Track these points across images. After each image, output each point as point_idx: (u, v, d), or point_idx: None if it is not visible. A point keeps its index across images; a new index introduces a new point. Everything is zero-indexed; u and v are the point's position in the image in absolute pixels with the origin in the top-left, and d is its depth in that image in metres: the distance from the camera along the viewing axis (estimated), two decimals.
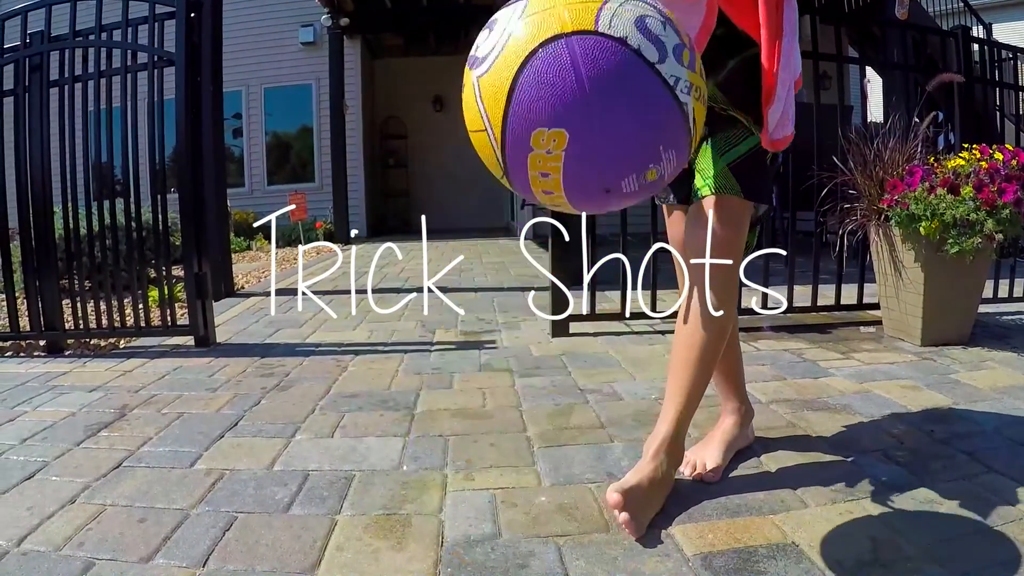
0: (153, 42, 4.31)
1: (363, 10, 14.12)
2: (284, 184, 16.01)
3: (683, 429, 2.14)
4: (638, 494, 1.93)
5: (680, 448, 2.14)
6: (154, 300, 4.84)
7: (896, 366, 3.49)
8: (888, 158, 4.01)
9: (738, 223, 2.07)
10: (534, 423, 2.76)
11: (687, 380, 2.13)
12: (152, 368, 3.86)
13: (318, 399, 3.17)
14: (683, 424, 2.13)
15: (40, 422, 2.98)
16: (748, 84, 2.05)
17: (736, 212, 2.06)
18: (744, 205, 2.07)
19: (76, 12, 4.39)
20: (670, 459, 2.08)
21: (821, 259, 4.56)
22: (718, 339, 2.12)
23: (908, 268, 3.88)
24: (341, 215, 13.79)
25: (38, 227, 4.44)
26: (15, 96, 4.48)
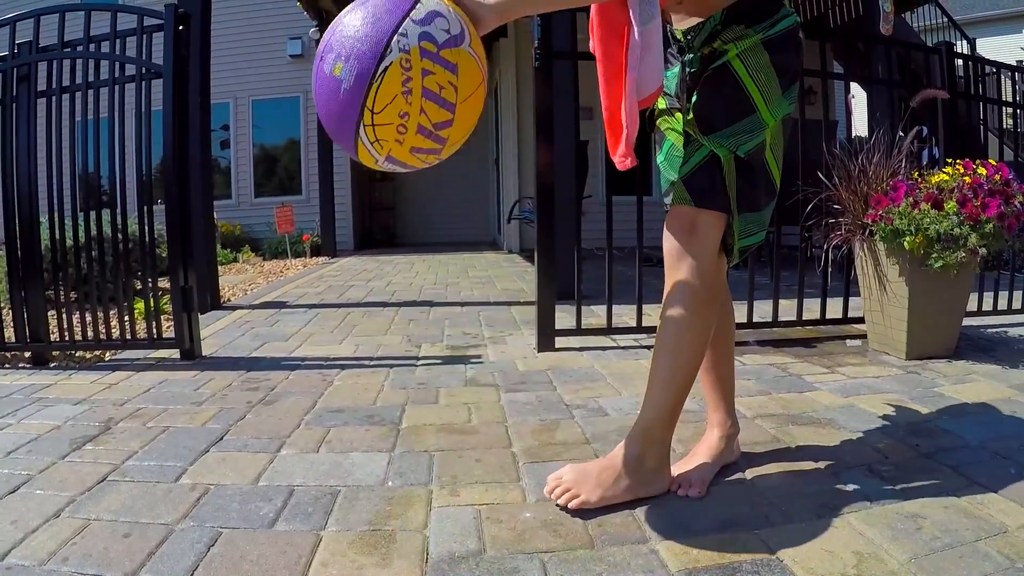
0: (141, 54, 4.31)
1: None
2: (271, 196, 16.08)
3: (653, 430, 2.19)
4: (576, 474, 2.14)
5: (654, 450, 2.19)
6: (140, 312, 4.84)
7: (881, 380, 3.50)
8: (872, 173, 4.03)
9: (690, 231, 2.13)
10: (520, 439, 2.76)
11: (658, 378, 2.22)
12: (137, 381, 3.84)
13: (304, 414, 3.16)
14: (651, 425, 2.20)
15: (25, 435, 2.97)
16: (707, 99, 2.13)
17: (686, 221, 2.14)
18: (695, 213, 2.13)
19: (65, 23, 4.39)
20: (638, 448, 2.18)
21: (806, 273, 4.58)
22: (688, 341, 2.18)
23: (892, 282, 3.91)
24: (328, 228, 13.79)
25: (24, 237, 4.43)
26: (2, 106, 4.47)
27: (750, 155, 2.13)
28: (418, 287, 8.04)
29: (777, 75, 2.11)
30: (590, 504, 2.09)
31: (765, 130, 2.13)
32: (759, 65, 2.08)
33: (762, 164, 2.18)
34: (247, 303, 7.11)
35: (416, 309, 6.37)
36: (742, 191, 2.14)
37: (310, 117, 15.41)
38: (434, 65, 1.67)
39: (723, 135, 2.10)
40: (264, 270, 11.41)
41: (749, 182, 2.16)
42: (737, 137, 2.10)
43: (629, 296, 4.69)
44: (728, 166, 2.13)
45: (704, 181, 2.14)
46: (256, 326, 5.61)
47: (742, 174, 2.14)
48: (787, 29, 2.13)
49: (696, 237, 2.13)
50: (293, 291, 8.06)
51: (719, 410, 2.48)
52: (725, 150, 2.11)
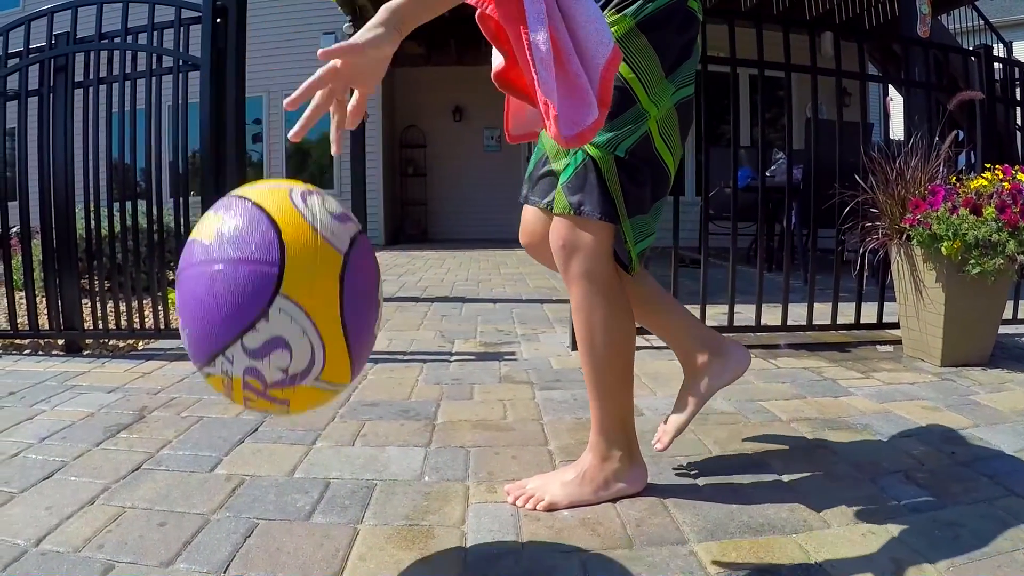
0: (179, 46, 4.33)
1: None
2: None
3: (609, 433, 2.18)
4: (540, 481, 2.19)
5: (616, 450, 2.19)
6: (173, 303, 4.85)
7: (916, 386, 3.47)
8: (910, 177, 4.00)
9: (573, 246, 2.06)
10: (555, 437, 2.75)
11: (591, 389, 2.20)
12: (171, 371, 3.87)
13: (338, 407, 3.16)
14: (604, 429, 2.19)
15: (59, 421, 2.99)
16: None
17: (569, 234, 2.06)
18: (578, 224, 2.05)
19: (102, 14, 4.42)
20: (599, 452, 2.19)
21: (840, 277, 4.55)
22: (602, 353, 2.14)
23: (929, 288, 3.87)
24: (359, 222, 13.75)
25: (59, 226, 4.47)
26: (39, 96, 4.52)
27: (632, 152, 2.02)
28: (450, 283, 8.04)
29: (658, 56, 2.01)
30: (559, 506, 2.09)
31: (648, 120, 2.02)
32: (635, 49, 1.98)
33: (650, 157, 2.06)
34: None
35: (448, 305, 6.37)
36: (629, 193, 2.03)
37: None
38: (257, 399, 1.50)
39: (599, 134, 1.98)
40: None
41: (635, 182, 2.04)
42: (615, 135, 1.99)
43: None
44: (608, 168, 2.01)
45: (583, 187, 2.03)
46: None
47: (626, 174, 2.02)
48: (668, 3, 2.02)
49: (580, 248, 2.05)
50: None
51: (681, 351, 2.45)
52: (601, 151, 1.99)
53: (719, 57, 4.41)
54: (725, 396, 3.20)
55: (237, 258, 1.39)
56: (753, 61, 4.38)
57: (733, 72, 4.45)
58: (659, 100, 2.03)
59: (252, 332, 1.40)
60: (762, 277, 4.43)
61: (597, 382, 2.16)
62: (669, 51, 2.04)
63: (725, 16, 4.47)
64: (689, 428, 2.73)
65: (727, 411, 3.01)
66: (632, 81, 1.99)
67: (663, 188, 2.15)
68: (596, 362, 2.14)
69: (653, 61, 2.01)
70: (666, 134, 2.08)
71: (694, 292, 4.52)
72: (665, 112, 2.06)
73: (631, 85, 1.99)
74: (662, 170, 2.10)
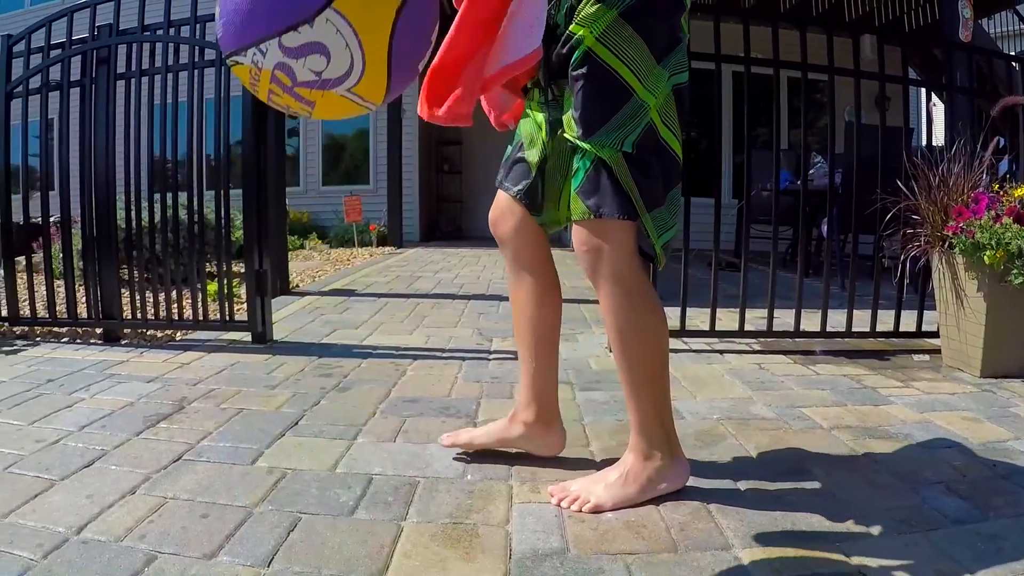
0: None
1: None
2: (339, 185, 16.15)
3: (648, 431, 2.19)
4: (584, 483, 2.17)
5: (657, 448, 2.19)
6: (211, 294, 4.88)
7: (956, 397, 3.42)
8: (953, 184, 3.96)
9: (598, 248, 2.07)
10: (597, 438, 2.74)
11: (628, 389, 2.20)
12: (209, 362, 3.89)
13: (378, 402, 3.16)
14: (644, 427, 2.19)
15: (98, 410, 3.02)
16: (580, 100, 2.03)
17: (592, 236, 2.08)
18: (599, 226, 2.06)
19: (145, 6, 4.45)
20: (641, 451, 2.19)
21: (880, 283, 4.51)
22: (636, 350, 2.16)
23: (970, 297, 3.82)
24: (395, 218, 13.91)
25: (100, 216, 4.51)
26: (82, 87, 4.56)
27: (639, 146, 2.02)
28: (486, 281, 8.06)
29: (646, 44, 2.00)
30: (604, 508, 2.08)
31: (649, 111, 2.02)
32: (622, 39, 1.97)
33: (657, 147, 2.06)
34: (316, 290, 7.18)
35: (485, 302, 6.36)
36: (643, 187, 2.03)
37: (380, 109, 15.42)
38: (283, 94, 1.54)
39: (603, 134, 2.00)
40: (331, 258, 11.51)
41: (647, 175, 2.04)
42: (620, 131, 2.00)
43: (699, 298, 4.66)
44: (618, 165, 2.01)
45: (598, 188, 2.04)
46: (326, 313, 5.66)
47: (637, 169, 2.02)
48: None
49: (605, 251, 2.07)
50: (361, 280, 8.13)
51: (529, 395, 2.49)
52: (609, 150, 2.00)
53: (762, 59, 4.39)
54: (766, 402, 3.19)
55: None
56: (796, 64, 4.35)
57: (776, 74, 4.43)
58: (655, 88, 2.03)
59: (293, 33, 1.44)
60: (802, 283, 4.40)
61: (633, 382, 2.17)
62: (657, 37, 2.03)
63: (768, 18, 4.44)
64: (730, 432, 2.74)
65: (768, 416, 2.99)
66: (625, 73, 1.99)
67: (675, 176, 2.15)
68: (630, 362, 2.15)
69: (642, 50, 2.00)
70: (668, 120, 2.08)
71: (732, 296, 4.50)
72: (664, 98, 2.06)
73: (624, 78, 1.99)
74: (670, 157, 2.10)
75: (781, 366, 3.92)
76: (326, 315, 5.53)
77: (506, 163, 2.41)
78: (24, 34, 4.78)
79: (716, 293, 4.29)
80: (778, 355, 4.17)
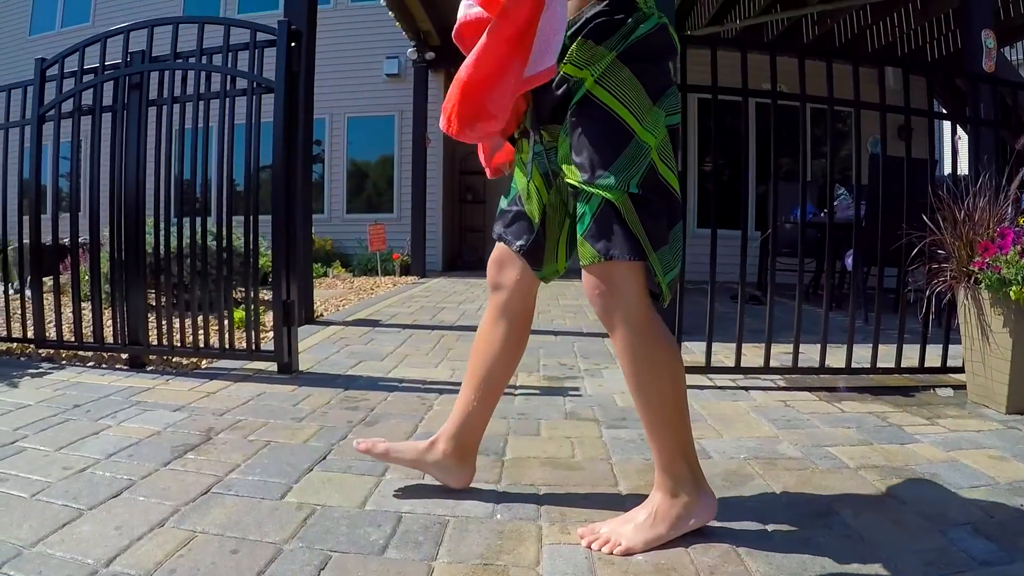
0: (253, 68, 4.39)
1: (449, 45, 14.24)
2: (362, 213, 16.26)
3: (673, 467, 2.19)
4: (613, 525, 2.15)
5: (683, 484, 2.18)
6: (238, 322, 4.90)
7: (982, 434, 3.39)
8: (978, 218, 3.95)
9: (609, 290, 2.09)
10: (625, 477, 2.72)
11: (649, 427, 2.21)
12: (236, 392, 3.91)
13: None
14: (668, 465, 2.19)
15: (125, 438, 3.03)
16: (579, 142, 2.06)
17: (602, 280, 2.09)
18: (609, 268, 2.07)
19: (178, 34, 4.49)
20: (667, 489, 2.18)
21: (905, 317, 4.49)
22: (655, 387, 2.16)
23: (996, 333, 3.80)
24: (418, 248, 13.91)
25: (128, 239, 4.54)
26: (113, 112, 4.61)
27: (643, 186, 2.03)
28: None
29: (643, 86, 2.04)
30: (636, 550, 2.07)
31: (651, 151, 2.05)
32: (620, 82, 2.01)
33: (658, 185, 2.08)
34: (340, 319, 7.18)
35: None
36: (649, 228, 2.05)
37: (404, 137, 15.47)
38: None
39: (608, 176, 2.02)
40: (354, 286, 11.53)
41: (653, 214, 2.06)
42: (624, 173, 2.02)
43: (724, 333, 4.65)
44: (625, 207, 2.02)
45: (606, 231, 2.05)
46: (351, 343, 5.65)
47: (642, 209, 2.04)
48: (647, 33, 2.06)
49: (616, 294, 2.08)
50: (385, 310, 8.13)
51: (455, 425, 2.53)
52: (616, 192, 2.01)
53: (788, 93, 4.40)
54: (792, 441, 3.17)
55: None
56: (823, 98, 4.35)
57: (803, 107, 4.43)
58: (654, 128, 2.06)
59: None
60: (827, 318, 4.39)
61: (653, 421, 2.17)
62: (652, 79, 2.07)
63: (794, 51, 4.45)
64: (757, 472, 2.73)
65: (795, 456, 2.98)
66: (624, 115, 2.02)
67: (676, 212, 2.17)
68: (649, 402, 2.16)
69: (639, 91, 2.04)
70: (667, 159, 2.11)
71: (756, 330, 4.48)
72: (662, 138, 2.09)
73: (624, 119, 2.02)
74: (671, 194, 2.12)
75: (807, 403, 3.90)
76: (351, 346, 5.53)
77: (503, 215, 2.44)
78: (58, 58, 4.85)
79: (742, 329, 4.28)
80: (803, 392, 4.14)
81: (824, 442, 3.20)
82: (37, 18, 19.35)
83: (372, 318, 7.33)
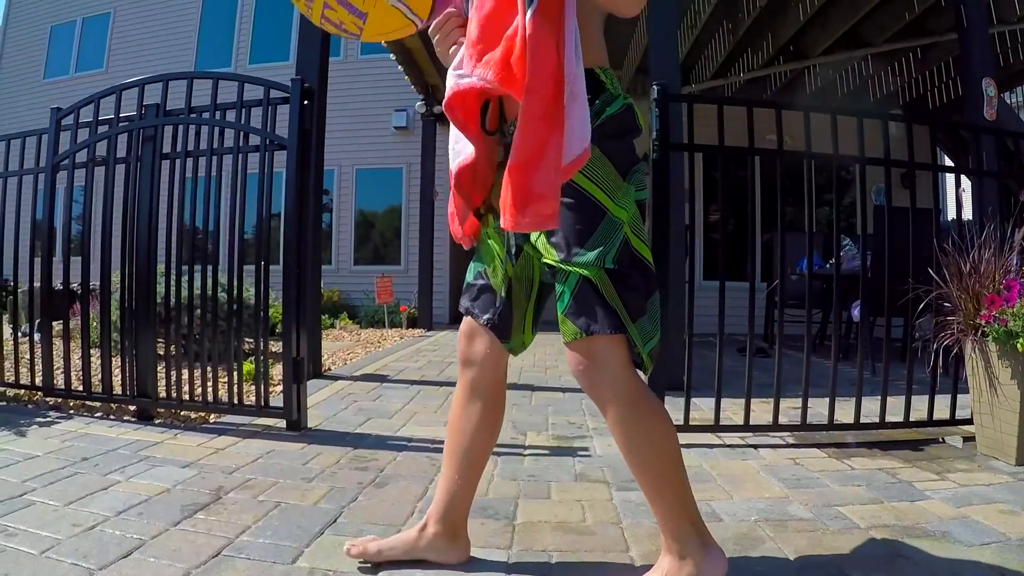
0: (266, 125, 4.44)
1: None
2: (370, 265, 16.36)
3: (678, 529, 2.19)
4: None
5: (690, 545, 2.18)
6: (247, 375, 4.90)
7: (992, 488, 3.39)
8: (984, 270, 3.96)
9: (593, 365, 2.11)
10: (637, 542, 2.71)
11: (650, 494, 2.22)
12: (245, 449, 3.91)
13: (416, 500, 3.15)
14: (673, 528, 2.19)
15: (134, 495, 3.03)
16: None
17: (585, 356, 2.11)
18: (590, 344, 2.09)
19: (192, 89, 4.55)
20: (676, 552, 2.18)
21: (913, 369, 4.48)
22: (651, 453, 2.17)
23: (1004, 385, 3.80)
24: (425, 300, 13.90)
25: (140, 290, 4.57)
26: (127, 164, 4.66)
27: (618, 261, 2.06)
28: (517, 368, 7.99)
29: (613, 164, 2.09)
30: None
31: (623, 226, 2.08)
32: (591, 161, 2.02)
33: (633, 259, 2.11)
34: (348, 374, 7.16)
35: (518, 392, 6.28)
36: (626, 300, 2.08)
37: (412, 189, 15.53)
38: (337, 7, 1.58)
39: (584, 253, 2.05)
40: (361, 339, 11.52)
41: (630, 287, 2.09)
42: (599, 249, 2.05)
43: (732, 388, 4.62)
44: (603, 282, 2.06)
45: (586, 308, 2.08)
46: (359, 399, 5.63)
47: (619, 283, 2.07)
48: (613, 114, 2.11)
49: (600, 368, 2.10)
50: (393, 364, 8.11)
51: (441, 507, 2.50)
52: (592, 269, 2.05)
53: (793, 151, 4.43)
54: (802, 501, 3.16)
55: None
56: (828, 155, 4.38)
57: (808, 165, 4.47)
58: (625, 204, 2.11)
59: None
60: (836, 371, 4.38)
61: (654, 487, 2.19)
62: (621, 157, 2.12)
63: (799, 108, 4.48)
64: (768, 536, 2.72)
65: (805, 517, 2.97)
66: (596, 193, 2.06)
67: (653, 283, 2.19)
68: (647, 470, 2.17)
69: (609, 169, 2.08)
70: (639, 232, 2.14)
71: (764, 385, 4.47)
72: (633, 212, 2.13)
73: (596, 197, 2.06)
74: (646, 266, 2.15)
75: (816, 460, 3.89)
76: (359, 402, 5.51)
77: (470, 289, 2.48)
78: (73, 108, 4.94)
79: (750, 385, 4.27)
80: (812, 448, 4.13)
81: (834, 501, 3.19)
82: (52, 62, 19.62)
83: (380, 373, 7.32)
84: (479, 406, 2.44)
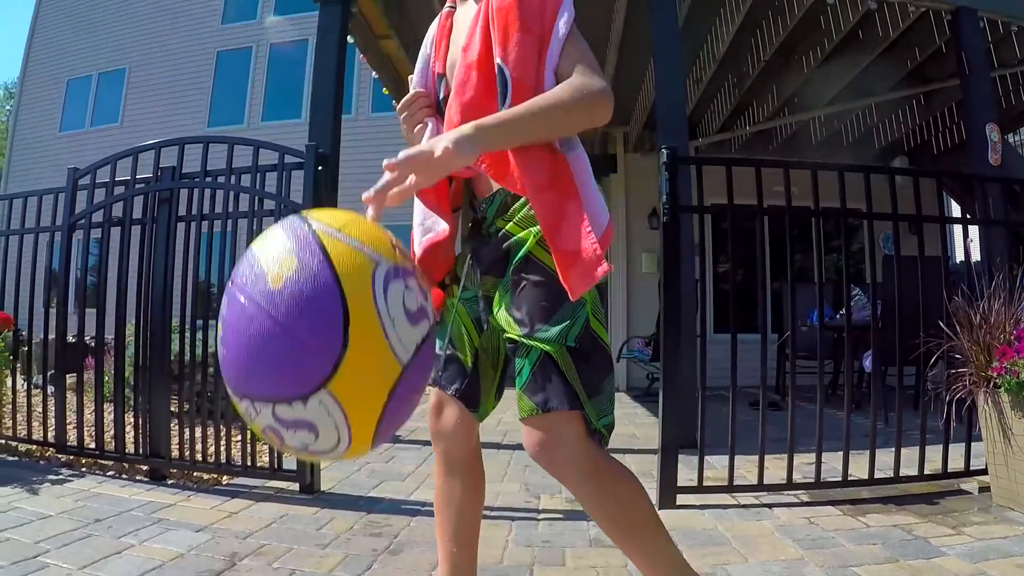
0: (280, 190, 4.50)
1: None
2: None
3: None
4: None
5: None
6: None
7: (1008, 541, 3.38)
8: (994, 320, 3.96)
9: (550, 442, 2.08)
10: None
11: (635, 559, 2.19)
12: (258, 512, 3.91)
13: (431, 568, 3.13)
14: None
15: (148, 559, 3.04)
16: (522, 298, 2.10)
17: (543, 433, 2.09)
18: (547, 420, 2.07)
19: (208, 150, 4.62)
20: None
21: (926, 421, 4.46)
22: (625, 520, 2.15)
23: (1018, 436, 3.80)
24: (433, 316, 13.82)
25: (154, 350, 4.59)
26: (143, 225, 4.70)
27: (579, 340, 2.06)
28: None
29: None
30: None
31: (586, 305, 2.08)
32: None
33: (592, 340, 2.10)
34: None
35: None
36: (585, 379, 2.06)
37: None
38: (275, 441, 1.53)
39: (548, 329, 2.05)
40: None
41: (588, 365, 2.08)
42: (563, 327, 2.05)
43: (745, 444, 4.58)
44: (563, 360, 2.05)
45: (544, 384, 2.06)
46: (371, 461, 5.57)
47: (579, 361, 2.06)
48: None
49: (558, 444, 2.07)
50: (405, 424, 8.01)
51: None
52: (555, 346, 2.04)
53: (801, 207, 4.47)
54: (818, 563, 3.15)
55: (296, 332, 1.43)
56: (835, 209, 4.41)
57: (817, 221, 4.49)
58: None
59: (286, 406, 1.44)
60: (849, 425, 4.37)
61: (637, 552, 2.17)
62: None
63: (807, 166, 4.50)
64: None
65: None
66: None
67: (609, 364, 2.18)
68: (625, 536, 2.16)
69: None
70: (598, 314, 2.15)
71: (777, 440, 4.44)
72: (594, 296, 2.13)
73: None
74: (603, 347, 2.14)
75: (831, 519, 3.87)
76: (371, 464, 5.47)
77: (436, 359, 2.42)
78: (90, 169, 5.02)
79: (764, 443, 4.26)
80: (827, 506, 4.11)
81: (850, 562, 3.18)
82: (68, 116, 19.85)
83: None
84: (460, 482, 2.44)
